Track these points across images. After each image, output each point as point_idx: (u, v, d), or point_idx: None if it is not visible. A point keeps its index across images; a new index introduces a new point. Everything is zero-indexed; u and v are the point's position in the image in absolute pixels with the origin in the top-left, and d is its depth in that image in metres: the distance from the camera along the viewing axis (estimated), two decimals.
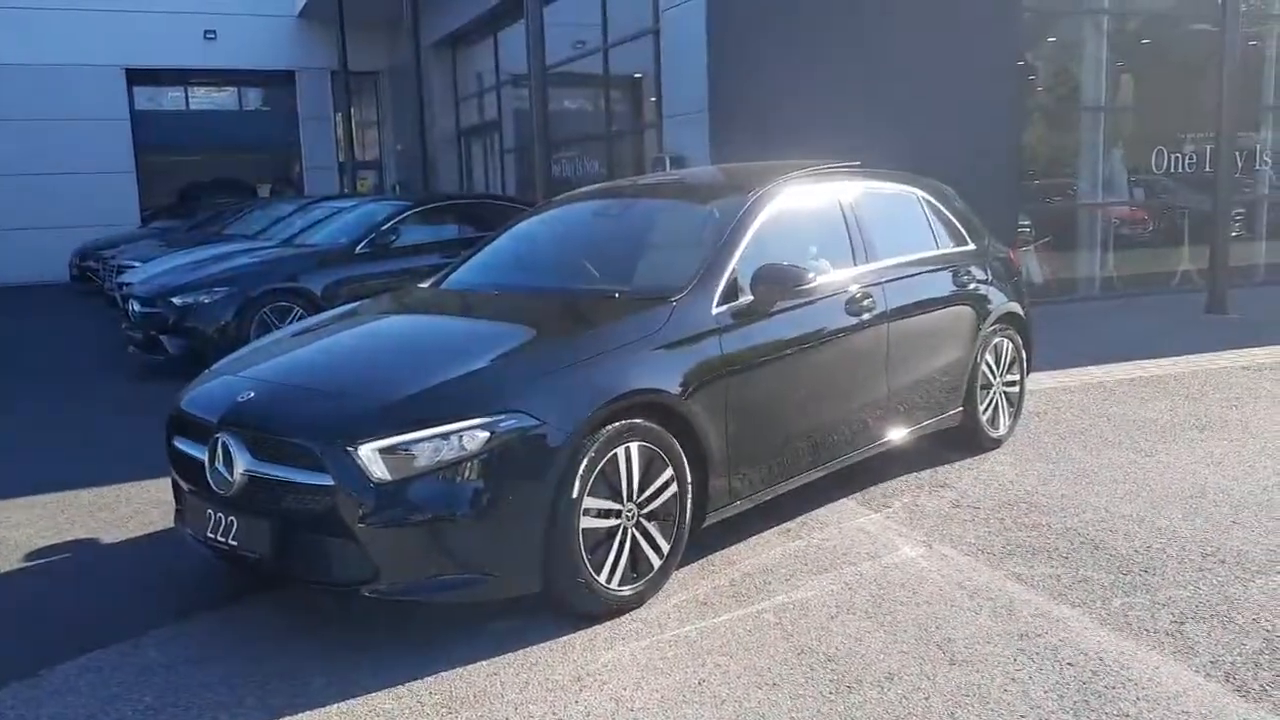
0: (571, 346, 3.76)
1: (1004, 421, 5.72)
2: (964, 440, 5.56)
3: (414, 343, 4.16)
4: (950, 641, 3.43)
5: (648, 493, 3.72)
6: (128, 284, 9.96)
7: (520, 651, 3.41)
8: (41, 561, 4.44)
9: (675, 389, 3.80)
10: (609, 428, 3.57)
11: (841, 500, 4.84)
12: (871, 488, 5.02)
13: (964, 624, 3.55)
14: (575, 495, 3.46)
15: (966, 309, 5.40)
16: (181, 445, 3.85)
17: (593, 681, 3.22)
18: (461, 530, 3.33)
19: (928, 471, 5.27)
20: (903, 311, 4.91)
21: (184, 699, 3.16)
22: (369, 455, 3.28)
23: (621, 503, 3.64)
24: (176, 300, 8.73)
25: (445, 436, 3.31)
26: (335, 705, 3.10)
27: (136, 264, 11.85)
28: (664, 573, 3.81)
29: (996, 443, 5.66)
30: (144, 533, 4.73)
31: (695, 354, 3.94)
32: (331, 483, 3.31)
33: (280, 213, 12.99)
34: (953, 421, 5.40)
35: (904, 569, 4.04)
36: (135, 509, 5.07)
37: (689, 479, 3.87)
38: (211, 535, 3.59)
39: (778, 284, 4.18)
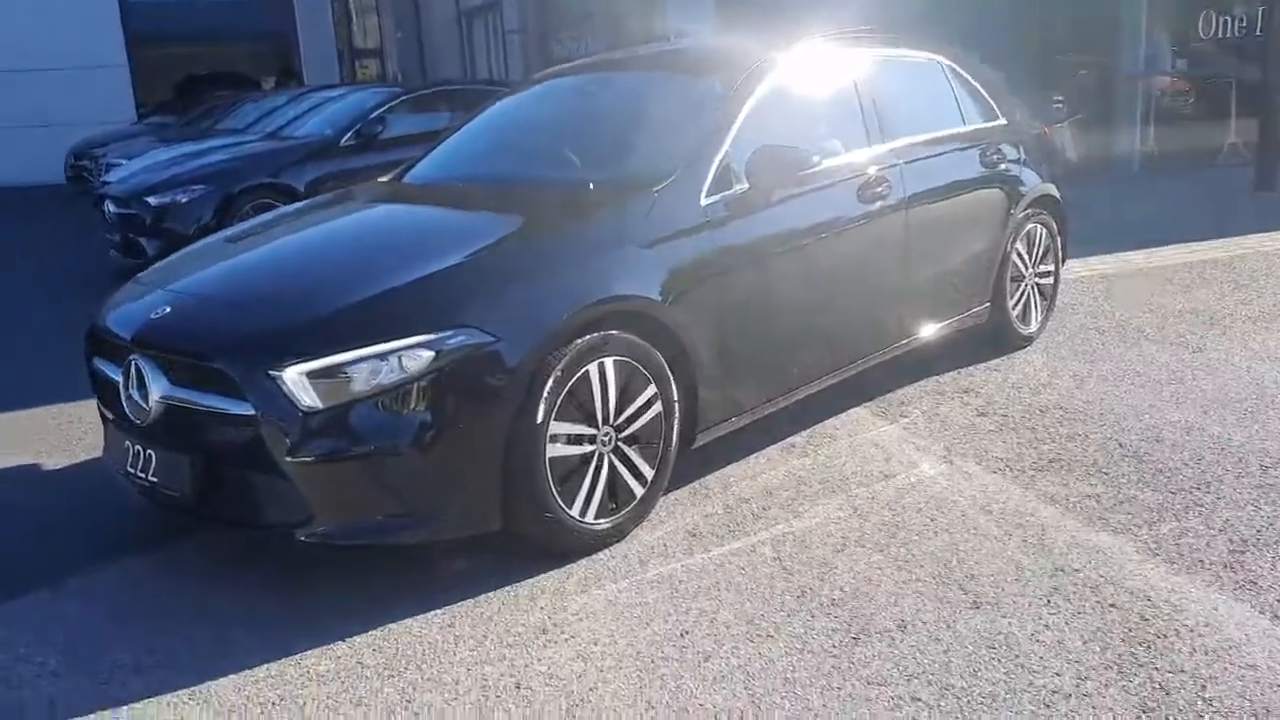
0: (534, 248, 3.25)
1: (1036, 317, 5.19)
2: (992, 339, 5.04)
3: (357, 247, 3.64)
4: (973, 579, 2.98)
5: (627, 413, 3.25)
6: (106, 183, 9.45)
7: (481, 598, 3.00)
8: None
9: (656, 294, 3.30)
10: (579, 342, 3.08)
11: (854, 410, 4.36)
12: (888, 395, 4.53)
13: (989, 557, 3.10)
14: (539, 420, 2.99)
15: (996, 192, 4.81)
16: (100, 366, 3.41)
17: (559, 634, 2.80)
18: (406, 464, 2.88)
19: (950, 375, 4.77)
20: (924, 197, 4.35)
21: (93, 662, 2.77)
22: (295, 380, 2.82)
23: (596, 426, 3.17)
24: (152, 200, 8.22)
25: (383, 357, 2.83)
26: (263, 668, 2.70)
27: (123, 162, 11.30)
28: (648, 502, 3.37)
29: (1028, 340, 5.14)
30: (90, 457, 4.33)
31: (681, 252, 3.43)
32: (253, 412, 2.86)
33: (273, 105, 12.34)
34: (979, 318, 4.87)
35: (921, 490, 3.58)
36: (88, 429, 4.66)
37: (675, 396, 3.39)
38: (131, 470, 3.17)
39: (777, 169, 3.64)
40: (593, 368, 3.13)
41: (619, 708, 2.48)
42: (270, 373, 2.83)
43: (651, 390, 3.31)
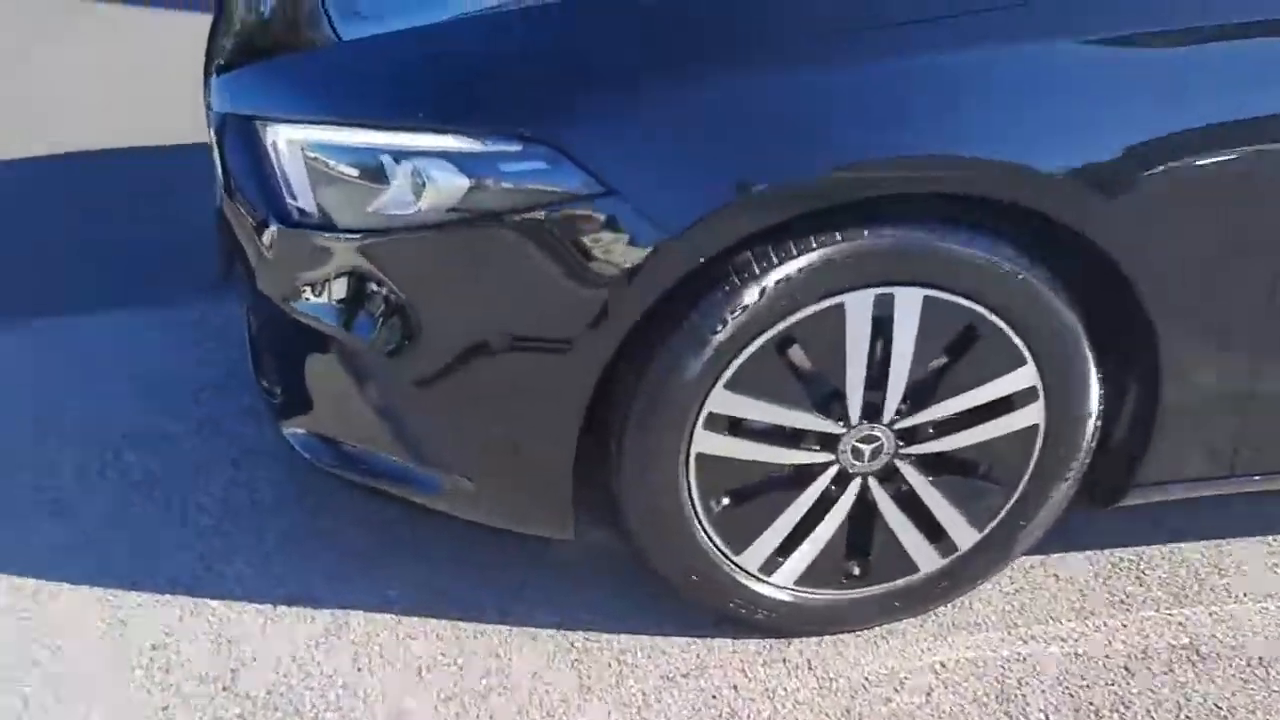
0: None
1: None
2: None
3: None
4: None
5: (938, 411, 1.46)
6: None
7: (492, 632, 1.61)
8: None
9: (1074, 166, 1.32)
10: (838, 240, 1.32)
11: None
12: None
13: None
14: (690, 376, 1.37)
15: None
16: None
17: None
18: (390, 379, 1.47)
19: None
20: None
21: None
22: (284, 148, 1.48)
23: (845, 421, 1.44)
24: None
25: (398, 158, 1.37)
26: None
27: None
28: (940, 588, 1.60)
29: None
30: None
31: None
32: (231, 183, 1.62)
33: None
34: None
35: None
36: None
37: (1091, 406, 1.48)
38: None
39: None
40: (855, 301, 1.36)
41: None
42: (264, 126, 1.53)
43: (1026, 377, 1.44)
